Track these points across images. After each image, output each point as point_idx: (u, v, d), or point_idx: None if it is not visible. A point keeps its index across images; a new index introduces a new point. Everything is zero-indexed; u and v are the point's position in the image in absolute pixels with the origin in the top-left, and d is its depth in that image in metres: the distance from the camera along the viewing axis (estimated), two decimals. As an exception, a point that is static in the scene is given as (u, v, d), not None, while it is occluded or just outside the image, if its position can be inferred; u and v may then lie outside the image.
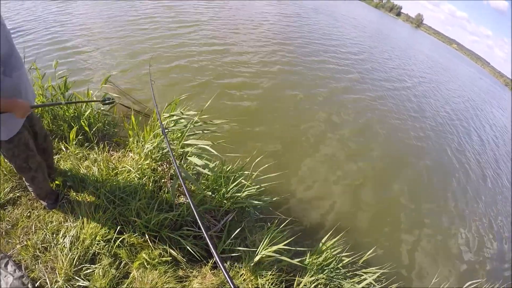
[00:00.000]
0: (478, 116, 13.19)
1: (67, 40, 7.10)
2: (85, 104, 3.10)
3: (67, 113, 3.03)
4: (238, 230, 2.36)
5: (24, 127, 1.91)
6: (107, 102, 2.58)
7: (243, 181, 2.51)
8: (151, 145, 2.55)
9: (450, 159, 6.92)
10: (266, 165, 2.77)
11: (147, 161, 2.62)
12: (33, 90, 1.98)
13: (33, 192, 2.32)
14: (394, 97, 9.61)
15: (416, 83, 13.26)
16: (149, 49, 7.21)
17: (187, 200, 2.47)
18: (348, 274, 2.47)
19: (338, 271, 2.34)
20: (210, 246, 0.61)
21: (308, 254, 2.38)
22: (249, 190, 2.47)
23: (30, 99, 1.85)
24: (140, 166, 2.60)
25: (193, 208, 0.72)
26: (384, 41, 24.72)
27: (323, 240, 2.39)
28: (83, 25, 8.32)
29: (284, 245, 2.14)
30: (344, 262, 2.38)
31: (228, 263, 2.28)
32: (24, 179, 2.21)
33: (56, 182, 2.53)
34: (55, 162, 2.68)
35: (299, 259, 2.27)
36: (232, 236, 2.32)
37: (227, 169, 2.69)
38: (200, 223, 0.68)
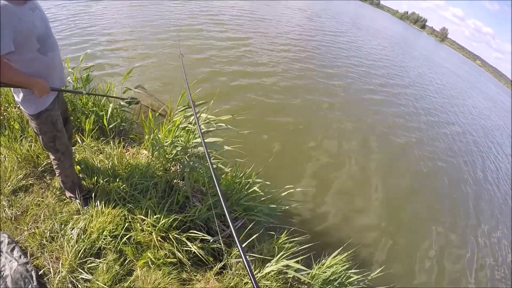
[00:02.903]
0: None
1: (95, 37, 7.34)
2: (104, 98, 3.15)
3: (86, 106, 3.08)
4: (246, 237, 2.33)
5: (54, 107, 1.97)
6: (130, 101, 2.62)
7: (257, 189, 2.49)
8: (166, 143, 2.56)
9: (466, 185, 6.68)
10: (281, 173, 2.74)
11: (160, 160, 2.62)
12: (64, 75, 2.05)
13: (59, 178, 2.33)
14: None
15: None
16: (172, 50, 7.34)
17: (197, 203, 2.45)
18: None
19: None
20: (238, 243, 0.60)
21: (316, 267, 2.32)
22: (262, 199, 2.46)
23: (57, 81, 1.94)
24: (153, 164, 2.61)
25: (221, 200, 0.71)
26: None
27: (333, 255, 2.34)
28: (114, 24, 8.56)
29: (293, 257, 2.10)
30: (352, 279, 2.32)
31: (233, 269, 2.23)
32: (51, 161, 2.24)
33: (77, 167, 2.55)
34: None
35: (306, 272, 2.22)
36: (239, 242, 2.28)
37: (241, 175, 2.68)
38: (228, 217, 0.67)
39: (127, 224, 2.26)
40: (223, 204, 0.71)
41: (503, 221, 5.79)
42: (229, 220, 0.66)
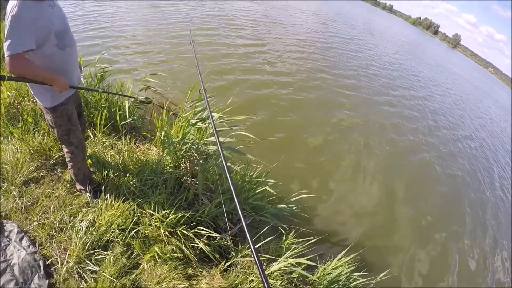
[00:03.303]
0: None
1: (111, 36, 7.53)
2: (117, 96, 3.22)
3: (99, 102, 3.15)
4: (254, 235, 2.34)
5: (69, 101, 2.02)
6: (144, 100, 2.67)
7: (268, 188, 2.50)
8: (176, 140, 2.59)
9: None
10: (293, 175, 2.75)
11: (170, 157, 2.66)
12: (79, 72, 2.11)
13: (71, 171, 2.37)
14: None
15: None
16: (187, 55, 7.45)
17: (205, 200, 2.47)
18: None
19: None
20: (250, 240, 0.62)
21: (321, 268, 2.32)
22: (269, 199, 2.47)
23: (74, 78, 2.01)
24: (163, 161, 2.65)
25: (236, 200, 0.74)
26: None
27: (339, 256, 2.34)
28: (130, 24, 8.74)
29: (299, 257, 2.10)
30: (356, 282, 2.31)
31: (239, 267, 2.24)
32: (65, 152, 2.27)
33: (89, 161, 2.59)
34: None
35: (311, 272, 2.22)
36: (246, 241, 2.30)
37: (251, 174, 2.70)
38: (241, 215, 0.70)
39: (135, 218, 2.27)
40: (236, 202, 0.74)
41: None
42: (242, 218, 0.68)
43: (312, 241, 2.42)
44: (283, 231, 2.49)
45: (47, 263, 2.07)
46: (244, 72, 7.52)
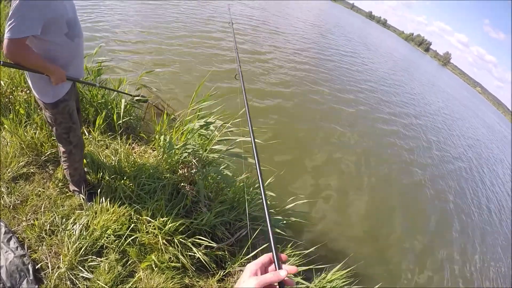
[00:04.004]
0: None
1: (112, 32, 7.20)
2: (114, 92, 3.10)
3: (95, 98, 3.02)
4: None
5: (71, 97, 1.93)
6: (140, 98, 2.60)
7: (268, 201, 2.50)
8: (177, 145, 2.54)
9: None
10: (289, 187, 2.76)
11: (169, 162, 2.60)
12: (83, 67, 2.03)
13: (66, 171, 2.26)
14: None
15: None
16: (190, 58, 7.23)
17: (204, 208, 2.45)
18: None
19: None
20: (273, 248, 0.63)
21: (316, 281, 2.36)
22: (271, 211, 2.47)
23: (80, 70, 1.95)
24: (161, 165, 2.59)
25: (265, 206, 0.73)
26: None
27: (334, 269, 2.39)
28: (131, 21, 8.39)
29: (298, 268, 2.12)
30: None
31: (235, 277, 2.24)
32: (61, 152, 2.16)
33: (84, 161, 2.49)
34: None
35: (305, 286, 2.25)
36: (243, 252, 2.30)
37: (250, 182, 2.69)
38: (268, 222, 0.70)
39: (132, 225, 2.22)
40: (265, 207, 0.73)
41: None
42: (269, 226, 0.68)
43: (307, 252, 2.45)
44: (280, 243, 2.51)
45: (36, 267, 1.98)
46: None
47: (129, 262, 2.12)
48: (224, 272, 2.26)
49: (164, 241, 2.20)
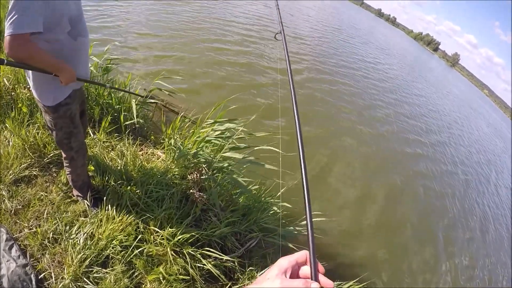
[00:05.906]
0: None
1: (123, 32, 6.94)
2: (122, 93, 2.96)
3: (101, 96, 2.88)
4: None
5: (74, 100, 1.80)
6: (149, 100, 2.48)
7: (278, 210, 2.40)
8: (189, 151, 2.42)
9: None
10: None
11: (179, 167, 2.49)
12: (88, 66, 1.89)
13: (68, 176, 2.15)
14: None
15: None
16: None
17: (213, 217, 2.35)
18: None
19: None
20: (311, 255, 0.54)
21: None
22: (278, 220, 2.38)
23: (83, 70, 1.80)
24: (169, 170, 2.47)
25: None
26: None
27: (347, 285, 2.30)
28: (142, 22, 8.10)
29: None
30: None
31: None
32: (63, 157, 2.05)
33: (91, 167, 2.38)
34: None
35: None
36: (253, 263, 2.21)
37: (263, 193, 2.59)
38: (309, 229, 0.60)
39: (140, 236, 2.11)
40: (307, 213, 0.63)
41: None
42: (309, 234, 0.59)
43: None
44: (292, 252, 2.41)
45: (39, 277, 1.89)
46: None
47: (135, 274, 2.03)
48: (234, 285, 2.18)
49: (172, 252, 2.11)
